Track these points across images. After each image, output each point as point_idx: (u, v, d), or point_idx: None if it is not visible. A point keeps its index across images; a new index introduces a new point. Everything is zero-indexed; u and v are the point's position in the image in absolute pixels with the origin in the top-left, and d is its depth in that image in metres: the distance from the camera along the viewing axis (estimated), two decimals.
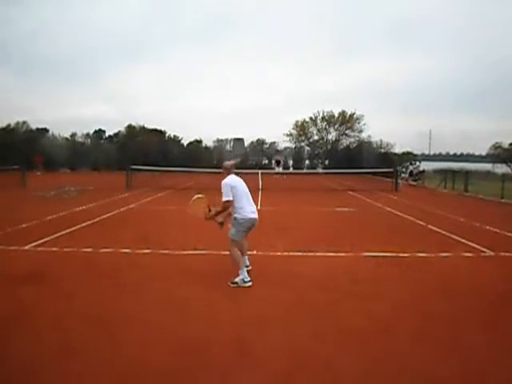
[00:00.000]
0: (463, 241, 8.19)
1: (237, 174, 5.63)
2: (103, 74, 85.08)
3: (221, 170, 5.61)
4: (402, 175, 29.11)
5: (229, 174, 5.50)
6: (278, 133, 68.59)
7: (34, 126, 41.47)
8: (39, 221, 9.75)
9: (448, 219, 11.18)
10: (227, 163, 5.66)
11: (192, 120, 75.70)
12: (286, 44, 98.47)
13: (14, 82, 74.05)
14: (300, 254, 6.91)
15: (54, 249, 7.01)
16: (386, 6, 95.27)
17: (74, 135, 43.02)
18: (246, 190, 5.54)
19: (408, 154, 38.22)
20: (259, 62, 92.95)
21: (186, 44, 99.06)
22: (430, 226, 9.89)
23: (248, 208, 5.42)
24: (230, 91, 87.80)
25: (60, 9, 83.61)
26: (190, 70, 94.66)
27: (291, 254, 6.94)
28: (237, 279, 5.26)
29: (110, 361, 3.28)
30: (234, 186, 5.36)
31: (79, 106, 74.15)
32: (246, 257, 5.71)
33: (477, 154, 58.56)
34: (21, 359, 3.29)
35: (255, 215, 5.47)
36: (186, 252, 6.94)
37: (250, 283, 5.25)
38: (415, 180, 26.31)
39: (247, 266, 5.55)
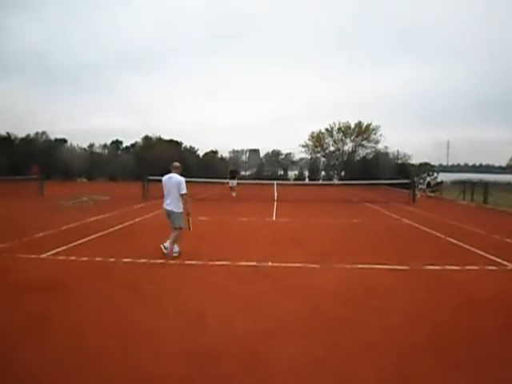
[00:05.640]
0: (483, 254, 7.99)
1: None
2: (121, 85, 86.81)
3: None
4: (420, 186, 28.73)
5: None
6: (293, 144, 68.94)
7: (52, 137, 42.27)
8: (56, 230, 9.88)
9: (467, 231, 10.94)
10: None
11: (208, 131, 76.25)
12: (300, 54, 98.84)
13: (34, 93, 75.99)
14: (316, 265, 6.82)
15: (71, 258, 7.07)
16: (400, 15, 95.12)
17: (91, 146, 43.84)
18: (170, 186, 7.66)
19: (425, 164, 37.78)
20: (273, 72, 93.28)
21: (200, 55, 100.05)
22: (448, 239, 9.69)
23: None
24: (246, 103, 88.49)
25: (78, 20, 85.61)
26: (204, 82, 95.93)
27: (307, 265, 6.86)
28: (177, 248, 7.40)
29: (123, 371, 3.27)
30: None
31: (97, 118, 75.54)
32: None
33: (496, 165, 57.69)
34: (34, 367, 3.30)
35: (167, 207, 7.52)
36: (201, 262, 6.93)
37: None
38: (433, 191, 25.92)
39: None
